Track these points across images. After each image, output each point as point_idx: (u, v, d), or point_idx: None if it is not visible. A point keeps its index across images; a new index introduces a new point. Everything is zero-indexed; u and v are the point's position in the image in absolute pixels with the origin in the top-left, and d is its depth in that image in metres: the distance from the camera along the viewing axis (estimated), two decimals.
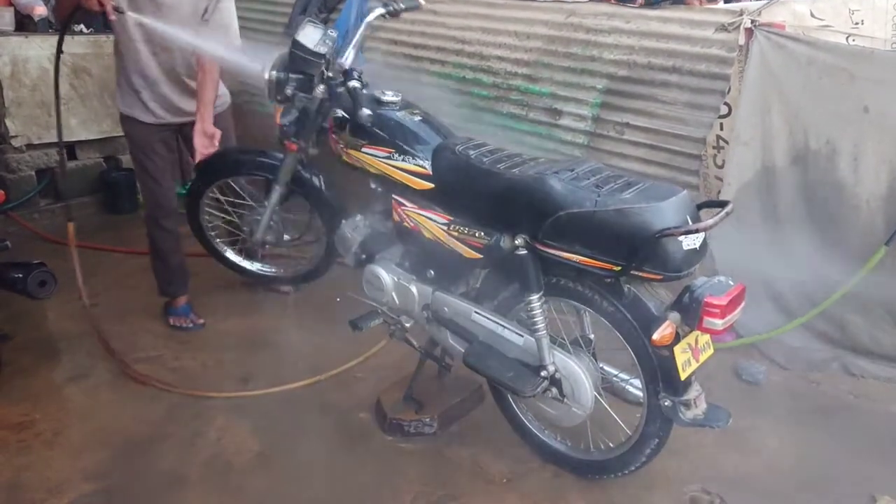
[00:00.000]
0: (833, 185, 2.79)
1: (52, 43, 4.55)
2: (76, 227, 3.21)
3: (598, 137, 3.31)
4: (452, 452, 2.40)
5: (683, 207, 1.81)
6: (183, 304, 3.31)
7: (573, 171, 1.97)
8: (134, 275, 3.57)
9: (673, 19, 3.09)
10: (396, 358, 2.93)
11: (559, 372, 2.04)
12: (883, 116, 2.66)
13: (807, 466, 2.35)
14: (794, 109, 2.81)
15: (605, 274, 1.87)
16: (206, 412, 2.63)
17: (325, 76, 2.45)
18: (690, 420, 1.91)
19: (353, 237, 2.54)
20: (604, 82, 3.25)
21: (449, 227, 2.15)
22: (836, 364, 2.88)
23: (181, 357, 3.02)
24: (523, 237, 1.98)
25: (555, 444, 2.31)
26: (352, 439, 2.48)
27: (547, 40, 3.46)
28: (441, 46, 3.83)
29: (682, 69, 3.01)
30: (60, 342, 3.14)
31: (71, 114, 4.68)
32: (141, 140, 3.05)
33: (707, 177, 3.08)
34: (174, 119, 3.06)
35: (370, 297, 2.48)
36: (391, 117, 2.29)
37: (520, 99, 3.55)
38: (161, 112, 3.02)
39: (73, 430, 2.52)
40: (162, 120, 3.03)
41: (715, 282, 1.84)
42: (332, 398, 2.71)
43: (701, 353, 1.95)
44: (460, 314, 2.23)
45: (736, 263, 3.00)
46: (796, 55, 2.76)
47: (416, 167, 2.20)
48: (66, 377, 2.86)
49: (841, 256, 2.83)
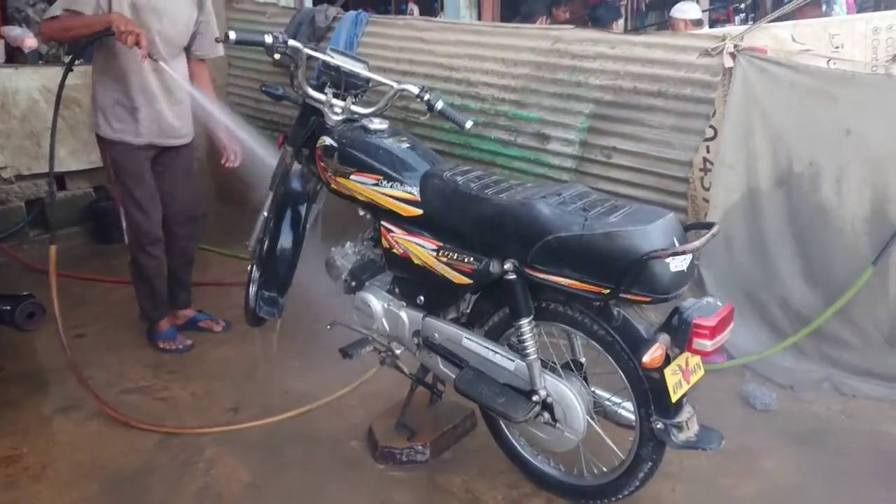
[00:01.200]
0: (817, 206, 2.82)
1: (42, 75, 4.61)
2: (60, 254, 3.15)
3: (586, 162, 3.34)
4: (445, 480, 2.38)
5: (670, 230, 1.83)
6: (169, 328, 3.31)
7: (560, 195, 1.98)
8: (123, 304, 3.55)
9: (657, 45, 3.14)
10: (388, 385, 2.91)
11: (551, 396, 2.03)
12: (865, 139, 2.69)
13: (802, 487, 2.34)
14: (778, 132, 2.85)
15: (594, 297, 1.87)
16: (195, 443, 2.60)
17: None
18: (683, 442, 1.91)
19: (343, 264, 2.54)
20: (590, 107, 3.29)
21: (438, 253, 2.15)
22: (827, 384, 2.89)
23: (170, 387, 2.99)
24: (512, 262, 1.98)
25: (548, 469, 2.29)
26: (343, 468, 2.45)
27: (534, 66, 3.51)
28: (429, 74, 3.88)
29: (668, 93, 3.06)
30: (49, 374, 3.11)
31: (60, 144, 4.69)
32: (130, 165, 3.04)
33: (695, 199, 3.11)
34: (161, 140, 3.08)
35: (360, 325, 2.47)
36: (379, 145, 2.30)
37: (508, 125, 3.59)
38: (152, 132, 3.04)
39: (62, 464, 2.48)
40: (150, 141, 3.05)
41: (703, 303, 1.85)
42: (323, 426, 2.69)
43: (692, 375, 1.95)
44: (451, 340, 2.23)
45: (725, 284, 3.03)
46: (779, 78, 2.81)
47: (404, 194, 2.21)
48: (54, 409, 2.83)
49: (827, 277, 2.85)
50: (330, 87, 2.48)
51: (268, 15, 4.88)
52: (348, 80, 2.48)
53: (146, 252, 3.12)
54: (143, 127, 3.01)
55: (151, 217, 3.09)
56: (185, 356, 3.25)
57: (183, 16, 3.02)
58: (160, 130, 3.07)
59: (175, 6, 2.98)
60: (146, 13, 2.89)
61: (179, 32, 3.03)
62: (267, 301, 2.72)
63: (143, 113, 2.99)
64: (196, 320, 3.48)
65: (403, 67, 3.99)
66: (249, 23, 4.88)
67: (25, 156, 4.62)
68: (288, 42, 2.38)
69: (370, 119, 2.41)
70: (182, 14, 3.01)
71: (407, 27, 4.11)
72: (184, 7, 3.02)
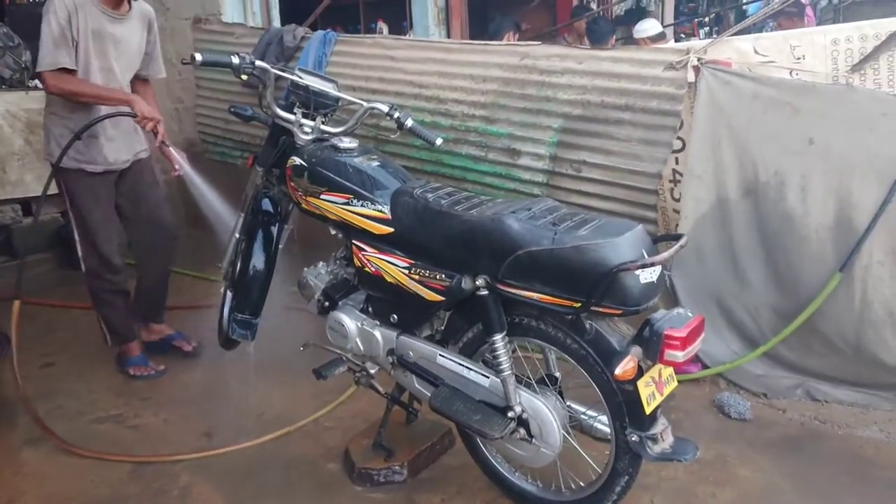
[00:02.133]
0: (783, 215, 2.86)
1: (6, 99, 4.56)
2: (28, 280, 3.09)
3: (556, 176, 3.36)
4: (423, 499, 2.36)
5: (639, 242, 1.84)
6: (139, 353, 3.28)
7: (530, 210, 1.99)
8: (92, 331, 3.48)
9: (623, 59, 3.17)
10: (364, 405, 2.90)
11: (526, 412, 2.03)
12: (827, 148, 2.74)
13: (778, 494, 2.36)
14: (743, 143, 2.89)
15: (565, 311, 1.88)
16: (168, 470, 2.55)
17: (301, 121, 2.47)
18: (658, 454, 1.91)
19: (316, 284, 2.53)
20: (560, 122, 3.31)
21: (410, 271, 2.14)
22: (801, 390, 2.92)
23: (142, 414, 2.94)
24: (484, 278, 1.99)
25: (526, 485, 2.29)
26: (321, 491, 2.42)
27: (502, 82, 3.53)
28: (399, 91, 3.88)
29: (635, 107, 3.09)
30: (15, 405, 3.03)
31: (26, 169, 4.63)
32: (84, 192, 3.01)
33: (665, 210, 3.13)
34: (119, 165, 3.08)
35: (334, 345, 2.45)
36: (349, 163, 2.30)
37: (478, 140, 3.60)
38: (116, 155, 3.05)
39: (29, 497, 2.42)
40: (112, 166, 3.04)
41: (674, 314, 1.86)
42: (299, 449, 2.66)
43: (665, 387, 1.96)
44: (425, 358, 2.22)
45: (697, 294, 3.06)
46: (742, 90, 2.85)
47: (375, 212, 2.21)
48: (22, 440, 2.77)
49: (795, 285, 2.88)
50: (299, 107, 2.48)
51: (236, 35, 4.86)
52: (317, 99, 2.47)
53: (103, 279, 3.10)
54: (100, 155, 2.99)
55: (107, 245, 3.05)
56: (157, 381, 3.20)
57: (135, 39, 3.06)
58: (116, 156, 3.06)
59: (129, 31, 3.02)
60: (105, 41, 2.92)
61: (133, 56, 3.08)
62: (240, 323, 2.70)
63: (100, 141, 2.97)
64: (171, 339, 3.47)
65: (373, 86, 3.99)
66: (217, 43, 4.85)
67: None
68: (255, 63, 2.38)
69: (340, 138, 2.41)
70: (134, 38, 3.06)
71: (376, 46, 4.11)
72: (136, 31, 3.06)
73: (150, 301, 3.40)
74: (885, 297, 2.74)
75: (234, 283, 2.77)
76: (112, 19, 2.91)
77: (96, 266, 3.08)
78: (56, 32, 2.77)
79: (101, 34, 2.89)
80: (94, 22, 2.85)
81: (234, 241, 2.80)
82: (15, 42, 4.89)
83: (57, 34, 2.77)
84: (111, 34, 2.92)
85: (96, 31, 2.87)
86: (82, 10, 2.81)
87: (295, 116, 2.46)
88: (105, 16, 2.89)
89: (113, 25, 2.92)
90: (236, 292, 2.75)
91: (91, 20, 2.84)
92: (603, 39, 5.18)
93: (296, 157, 2.40)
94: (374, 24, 8.56)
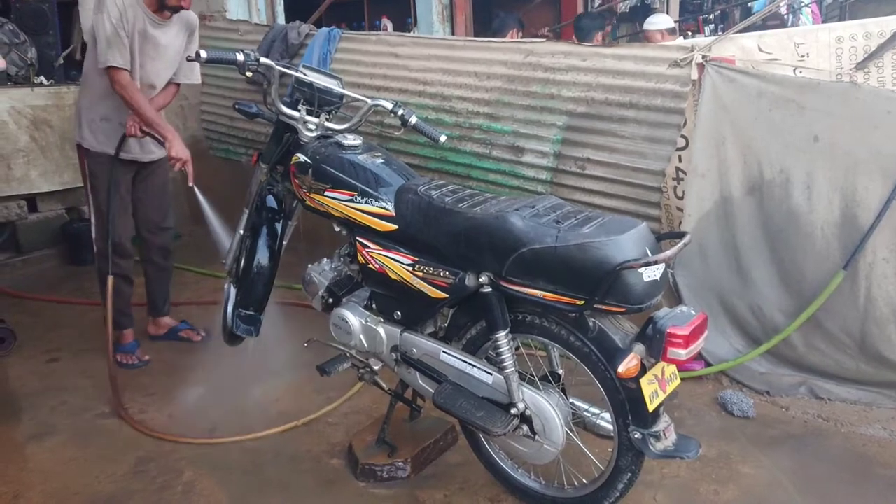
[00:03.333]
0: (788, 213, 2.86)
1: (11, 96, 4.57)
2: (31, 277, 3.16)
3: (560, 173, 3.36)
4: (426, 495, 2.37)
5: (642, 240, 1.84)
6: (131, 341, 3.38)
7: (534, 207, 1.99)
8: (97, 327, 3.49)
9: (627, 56, 3.17)
10: (367, 402, 2.90)
11: (529, 409, 2.03)
12: (833, 145, 2.74)
13: (781, 492, 2.36)
14: (748, 140, 2.89)
15: (569, 309, 1.88)
16: (173, 466, 2.56)
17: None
18: (661, 452, 1.91)
19: (320, 281, 2.53)
20: (564, 119, 3.32)
21: (414, 268, 2.15)
22: (804, 388, 2.91)
23: (147, 409, 2.95)
24: (487, 275, 1.99)
25: (528, 482, 2.29)
26: (324, 487, 2.43)
27: (507, 80, 3.53)
28: (403, 88, 3.89)
29: (639, 104, 3.09)
30: (22, 400, 3.06)
31: (31, 166, 4.64)
32: (109, 177, 3.12)
33: (669, 208, 3.13)
34: (142, 156, 3.21)
35: (338, 341, 2.46)
36: (353, 160, 2.30)
37: (482, 138, 3.60)
38: (135, 149, 3.16)
39: (35, 492, 2.43)
40: (136, 157, 3.17)
41: (677, 312, 1.86)
42: (302, 445, 2.67)
43: (668, 384, 1.96)
44: (429, 354, 2.22)
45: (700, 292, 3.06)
46: (747, 88, 2.85)
47: (379, 209, 2.21)
48: (27, 436, 2.78)
49: (799, 283, 2.88)
50: (303, 104, 2.48)
51: (240, 32, 4.87)
52: (322, 96, 2.48)
53: (114, 263, 3.19)
54: (127, 144, 3.10)
55: (120, 230, 3.18)
56: (162, 377, 3.21)
57: (175, 45, 3.15)
58: (142, 147, 3.18)
59: (170, 37, 3.11)
60: (147, 42, 3.03)
61: (171, 61, 3.18)
62: (244, 319, 2.70)
63: None
64: (177, 330, 3.58)
65: (377, 83, 4.00)
66: (222, 41, 4.86)
67: None
68: (260, 59, 2.38)
69: (344, 135, 2.41)
70: (175, 44, 3.15)
71: (380, 43, 4.12)
72: (177, 38, 3.15)
73: (154, 294, 3.53)
74: (889, 294, 2.74)
75: (238, 280, 2.77)
76: (154, 23, 3.02)
77: (106, 248, 3.18)
78: (109, 31, 2.88)
79: (145, 35, 3.01)
80: (139, 23, 2.97)
81: (238, 237, 2.81)
82: (21, 39, 4.90)
83: (110, 33, 2.89)
84: (153, 36, 3.03)
85: (141, 31, 2.99)
86: (131, 10, 2.94)
87: (299, 113, 2.47)
88: (148, 18, 3.00)
89: (155, 29, 3.03)
90: (240, 288, 2.75)
91: (138, 21, 2.96)
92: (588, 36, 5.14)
93: (300, 154, 2.40)
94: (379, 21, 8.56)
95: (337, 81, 2.55)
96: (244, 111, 2.66)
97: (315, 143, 2.43)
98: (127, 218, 3.25)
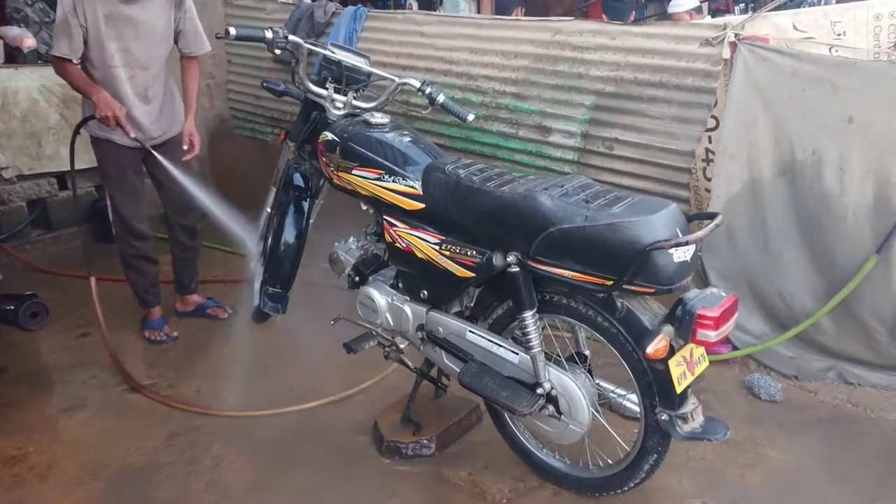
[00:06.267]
0: (819, 195, 2.81)
1: (42, 74, 4.61)
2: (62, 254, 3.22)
3: (587, 153, 3.33)
4: (451, 473, 2.39)
5: (673, 220, 1.82)
6: (158, 318, 3.41)
7: (563, 187, 1.98)
8: (126, 303, 3.55)
9: (658, 35, 3.13)
10: (393, 380, 2.92)
11: (555, 389, 2.03)
12: (867, 126, 2.68)
13: (808, 477, 2.34)
14: (780, 121, 2.84)
15: (597, 289, 1.87)
16: (201, 440, 2.60)
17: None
18: (688, 434, 1.90)
19: (346, 259, 2.54)
20: (591, 99, 3.28)
21: (441, 247, 2.15)
22: (833, 373, 2.88)
23: (176, 385, 3.00)
24: (515, 254, 1.98)
25: (553, 462, 2.30)
26: (349, 463, 2.46)
27: (534, 59, 3.50)
28: (430, 67, 3.87)
29: (669, 84, 3.04)
30: (54, 373, 3.12)
31: (62, 143, 4.69)
32: (112, 162, 3.14)
33: (697, 189, 3.10)
34: (150, 139, 3.16)
35: (364, 320, 2.47)
36: (381, 139, 2.30)
37: (509, 117, 3.58)
38: (143, 131, 3.12)
39: (68, 463, 2.49)
40: (133, 143, 3.08)
41: (707, 294, 1.84)
42: (328, 422, 2.70)
43: (696, 366, 1.95)
44: (455, 334, 2.23)
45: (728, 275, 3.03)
46: (780, 67, 2.79)
47: (406, 188, 2.21)
48: (60, 409, 2.84)
49: (830, 266, 2.84)
50: (331, 83, 2.48)
51: (267, 11, 4.86)
52: (349, 74, 2.47)
53: (129, 244, 3.23)
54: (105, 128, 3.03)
55: (131, 212, 3.18)
56: (189, 353, 3.26)
57: (160, 19, 3.07)
58: (143, 132, 3.13)
59: (150, 13, 3.03)
60: (121, 23, 2.96)
61: (159, 37, 3.09)
62: (271, 297, 2.73)
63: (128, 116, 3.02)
64: (205, 307, 3.61)
65: (403, 62, 3.98)
66: (248, 19, 4.86)
67: (26, 156, 4.61)
68: (288, 37, 2.38)
69: (372, 114, 2.41)
70: (159, 18, 3.06)
71: (406, 21, 4.09)
72: (161, 12, 3.06)
73: (180, 274, 3.55)
74: None
75: (265, 258, 2.79)
76: (127, 1, 2.95)
77: (122, 232, 3.23)
78: (60, 20, 2.89)
79: (115, 17, 2.94)
80: (105, 6, 2.91)
81: (266, 215, 2.83)
82: (51, 17, 4.93)
83: (60, 22, 2.89)
84: (127, 17, 2.96)
85: (109, 14, 2.93)
86: None
87: (327, 91, 2.46)
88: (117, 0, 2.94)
89: (129, 8, 2.96)
90: (268, 266, 2.77)
91: (101, 5, 2.90)
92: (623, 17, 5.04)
93: (327, 133, 2.40)
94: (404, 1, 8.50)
95: (364, 59, 2.54)
96: (272, 89, 2.67)
97: (342, 121, 2.43)
98: (138, 201, 3.22)
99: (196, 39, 3.23)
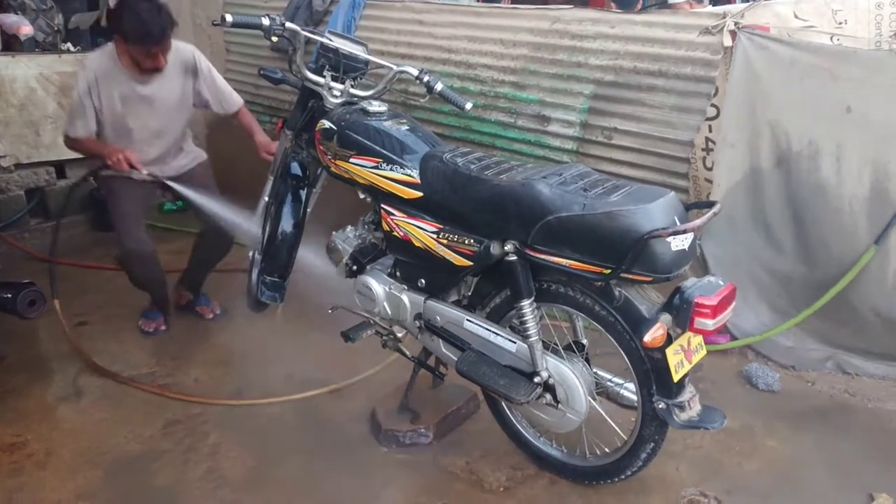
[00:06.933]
0: (816, 186, 2.80)
1: (39, 62, 4.59)
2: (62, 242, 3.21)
3: (586, 143, 3.32)
4: (448, 462, 2.39)
5: (671, 209, 1.82)
6: (157, 310, 3.36)
7: (561, 175, 1.97)
8: (125, 292, 3.53)
9: (657, 23, 3.11)
10: (390, 368, 2.92)
11: (553, 378, 2.03)
12: (865, 116, 2.67)
13: (805, 466, 2.35)
14: (778, 111, 2.83)
15: (594, 277, 1.86)
16: (199, 428, 2.61)
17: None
18: (685, 422, 1.91)
19: (344, 248, 2.54)
20: (591, 88, 3.27)
21: (438, 236, 2.14)
22: (831, 363, 2.88)
23: (174, 374, 3.00)
24: (513, 243, 1.98)
25: (551, 450, 2.30)
26: (347, 451, 2.46)
27: (533, 47, 3.48)
28: (428, 56, 3.85)
29: (668, 73, 3.03)
30: (52, 361, 3.12)
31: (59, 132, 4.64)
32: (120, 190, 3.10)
33: (697, 179, 3.09)
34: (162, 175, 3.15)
35: (362, 308, 2.47)
36: (379, 127, 2.29)
37: (508, 106, 3.57)
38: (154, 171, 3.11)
39: (66, 450, 2.49)
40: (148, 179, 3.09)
41: (705, 282, 1.84)
42: (326, 411, 2.70)
43: (693, 355, 1.95)
44: (452, 322, 2.23)
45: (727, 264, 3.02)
46: (779, 56, 2.78)
47: (404, 176, 2.20)
48: (58, 397, 2.84)
49: (827, 257, 2.84)
50: (328, 71, 2.46)
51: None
52: (347, 62, 2.46)
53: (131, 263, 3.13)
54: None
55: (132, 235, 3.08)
56: (188, 342, 3.25)
57: (174, 92, 3.07)
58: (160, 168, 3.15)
59: (164, 88, 3.03)
60: (136, 103, 2.99)
61: (174, 110, 3.11)
62: (269, 286, 2.72)
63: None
64: (194, 304, 3.54)
65: (402, 50, 3.96)
66: (247, 7, 4.83)
67: (24, 144, 4.60)
68: (286, 24, 2.36)
69: (369, 102, 2.40)
70: (173, 91, 3.07)
71: (405, 9, 4.07)
72: (174, 84, 3.06)
73: (192, 272, 3.48)
74: None
75: (263, 247, 2.79)
76: (142, 82, 2.96)
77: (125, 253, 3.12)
78: (75, 103, 2.95)
79: (131, 98, 2.98)
80: (121, 88, 2.94)
81: (263, 204, 2.82)
82: (48, 5, 4.90)
83: (76, 105, 2.95)
84: (142, 96, 2.99)
85: (126, 95, 2.96)
86: (106, 80, 2.93)
87: (324, 79, 2.45)
88: (132, 80, 2.95)
89: (145, 87, 2.98)
90: (265, 255, 2.77)
91: (118, 87, 2.94)
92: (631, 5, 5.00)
93: (325, 121, 2.39)
94: None
95: (362, 48, 2.53)
96: (269, 77, 2.65)
97: (340, 109, 2.42)
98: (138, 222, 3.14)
99: (224, 99, 3.23)
